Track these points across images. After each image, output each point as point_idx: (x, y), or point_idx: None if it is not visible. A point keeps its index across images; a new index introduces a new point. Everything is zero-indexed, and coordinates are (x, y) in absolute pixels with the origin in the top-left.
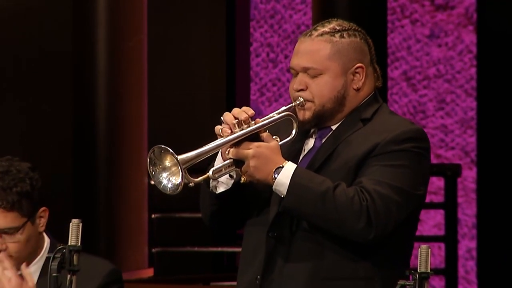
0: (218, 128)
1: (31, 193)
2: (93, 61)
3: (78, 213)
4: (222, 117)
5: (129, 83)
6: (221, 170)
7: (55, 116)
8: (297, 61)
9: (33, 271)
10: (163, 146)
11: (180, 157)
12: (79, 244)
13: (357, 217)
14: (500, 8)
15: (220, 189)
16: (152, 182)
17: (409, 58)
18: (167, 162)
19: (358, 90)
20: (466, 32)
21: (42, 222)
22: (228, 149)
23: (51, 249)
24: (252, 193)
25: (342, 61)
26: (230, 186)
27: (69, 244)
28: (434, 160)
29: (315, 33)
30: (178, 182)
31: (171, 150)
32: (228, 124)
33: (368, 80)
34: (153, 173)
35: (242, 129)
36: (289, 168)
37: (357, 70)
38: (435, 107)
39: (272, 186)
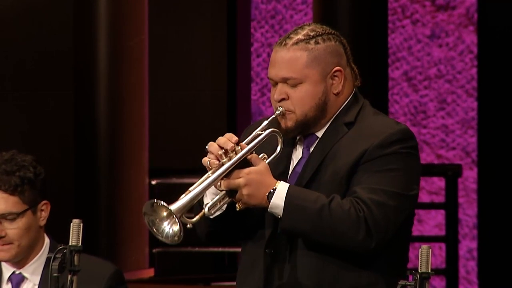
0: (205, 160)
1: (34, 181)
2: (94, 61)
3: (79, 213)
4: (207, 147)
5: (130, 83)
6: (216, 205)
7: (56, 116)
8: (275, 72)
9: (32, 269)
10: (154, 200)
11: (173, 207)
12: (80, 244)
13: (356, 229)
14: (500, 8)
15: (215, 212)
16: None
17: (410, 59)
18: (163, 212)
19: (338, 94)
20: (467, 33)
21: (43, 215)
22: (219, 181)
23: (51, 249)
24: (247, 211)
25: (320, 68)
26: (225, 209)
27: (70, 244)
28: (435, 160)
29: (290, 42)
30: (177, 230)
31: (163, 203)
32: (214, 154)
33: (347, 82)
34: (154, 229)
35: (230, 158)
36: (282, 189)
37: (335, 74)
38: (436, 107)
39: (267, 208)
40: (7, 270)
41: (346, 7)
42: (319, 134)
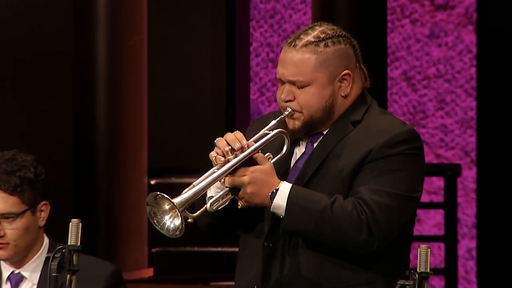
0: (212, 155)
1: (34, 181)
2: (93, 61)
3: (78, 213)
4: (215, 142)
5: (129, 83)
6: (218, 201)
7: (55, 115)
8: (282, 72)
9: (31, 269)
10: (158, 193)
11: (176, 201)
12: (79, 244)
13: (358, 231)
14: (500, 8)
15: (218, 208)
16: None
17: (409, 58)
18: (166, 205)
19: (346, 96)
20: (466, 32)
21: (42, 216)
22: (224, 178)
23: (50, 249)
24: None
25: (328, 71)
26: (227, 204)
27: (68, 244)
28: (434, 160)
29: (299, 43)
30: (178, 224)
31: (166, 196)
32: (221, 150)
33: (355, 84)
34: (155, 221)
35: (236, 156)
36: (285, 189)
37: (344, 77)
38: (435, 107)
39: (270, 208)
40: (6, 270)
41: (345, 7)
42: (325, 132)
